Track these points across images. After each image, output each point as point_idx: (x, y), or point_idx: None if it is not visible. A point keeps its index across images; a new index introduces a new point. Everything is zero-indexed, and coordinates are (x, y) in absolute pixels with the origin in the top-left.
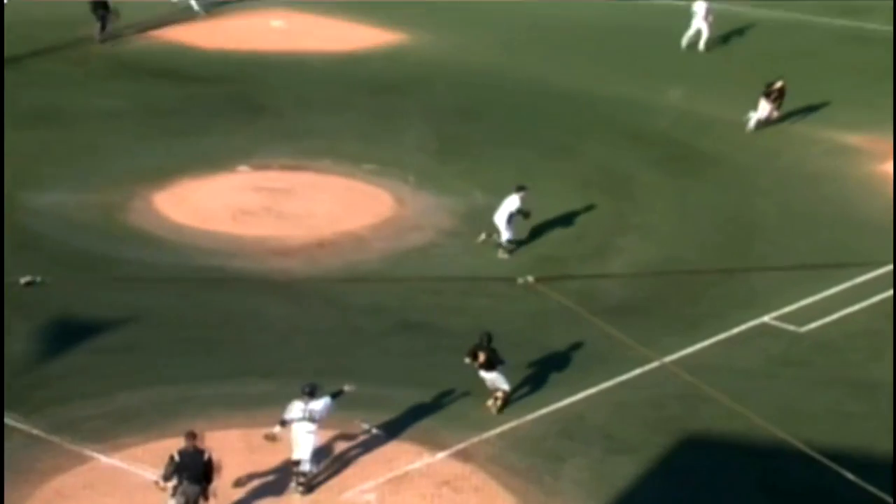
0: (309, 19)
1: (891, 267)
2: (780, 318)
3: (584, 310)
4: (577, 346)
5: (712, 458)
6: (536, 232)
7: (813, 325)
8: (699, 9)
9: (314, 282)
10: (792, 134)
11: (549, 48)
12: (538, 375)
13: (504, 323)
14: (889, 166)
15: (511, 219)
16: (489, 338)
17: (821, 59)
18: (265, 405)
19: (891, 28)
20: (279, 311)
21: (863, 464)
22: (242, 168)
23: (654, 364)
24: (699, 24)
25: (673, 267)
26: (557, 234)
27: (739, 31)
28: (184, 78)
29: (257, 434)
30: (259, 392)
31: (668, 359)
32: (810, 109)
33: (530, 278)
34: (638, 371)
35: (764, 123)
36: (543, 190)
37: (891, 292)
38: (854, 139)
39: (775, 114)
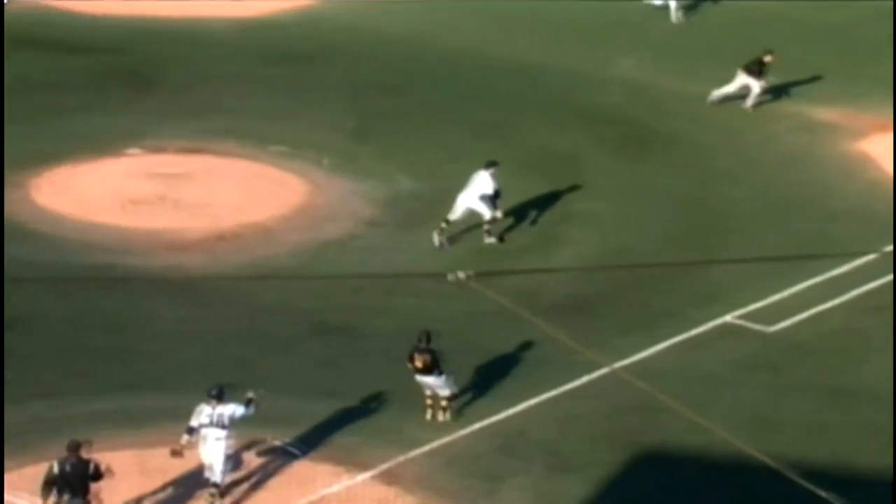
0: None
1: (870, 257)
2: (746, 317)
3: (525, 309)
4: (516, 350)
5: (670, 476)
6: (469, 221)
7: (783, 324)
8: None
9: (215, 280)
10: (757, 109)
11: (483, 14)
12: (473, 385)
13: (434, 325)
14: (866, 145)
15: (483, 200)
16: (428, 337)
17: (787, 25)
18: (160, 421)
19: None
20: (175, 313)
21: (839, 480)
22: (132, 151)
23: (604, 370)
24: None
25: (625, 260)
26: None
27: None
28: (63, 48)
29: (152, 455)
30: (152, 407)
31: (619, 364)
32: (780, 83)
33: (462, 274)
34: (585, 378)
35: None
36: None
37: (871, 286)
38: (826, 114)
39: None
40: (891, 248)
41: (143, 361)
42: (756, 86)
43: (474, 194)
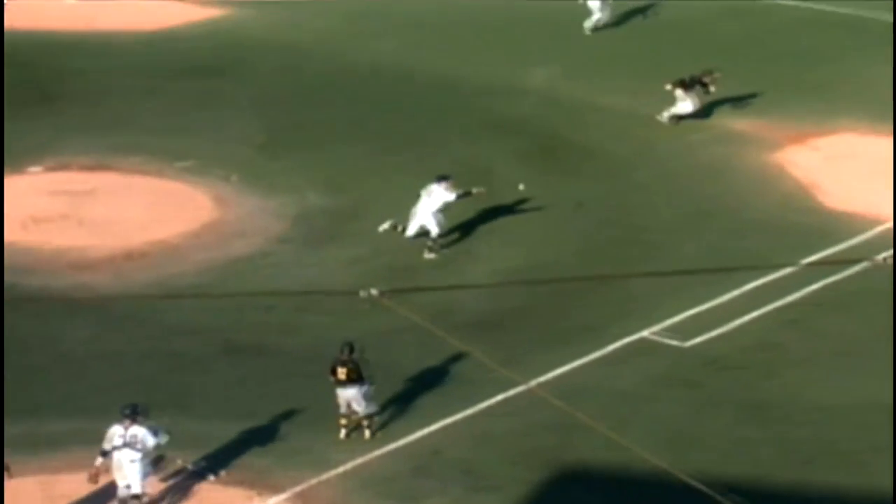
0: None
1: (787, 270)
2: (663, 332)
3: (439, 326)
4: (430, 369)
5: (588, 494)
6: (381, 237)
7: (700, 338)
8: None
9: (123, 299)
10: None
11: (397, 24)
12: (387, 404)
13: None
14: (782, 156)
15: (437, 214)
16: (351, 348)
17: (701, 35)
18: (67, 446)
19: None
20: (81, 334)
21: (758, 495)
22: (34, 169)
23: (521, 388)
24: (594, 4)
25: (540, 275)
26: (406, 239)
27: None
28: None
29: (58, 480)
30: (59, 430)
31: (535, 381)
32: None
33: (375, 291)
34: (501, 396)
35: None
36: (390, 188)
37: (787, 299)
38: (742, 126)
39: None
40: (809, 259)
41: (50, 383)
42: (690, 103)
43: (429, 208)
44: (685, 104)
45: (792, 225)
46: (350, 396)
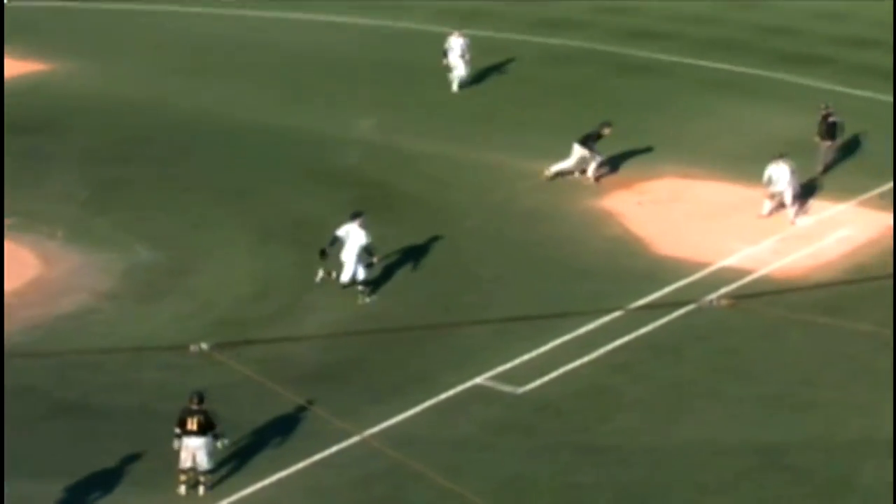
0: None
1: (616, 314)
2: (496, 379)
3: (271, 379)
4: (264, 422)
5: None
6: (211, 291)
7: (532, 384)
8: (455, 45)
9: None
10: (502, 167)
11: (221, 75)
12: (222, 459)
13: (177, 399)
14: (607, 201)
15: (361, 255)
16: (201, 398)
17: (529, 83)
18: None
19: (596, 46)
20: None
21: None
22: None
23: (355, 439)
24: (455, 61)
25: (374, 325)
26: (236, 292)
27: (428, 50)
28: None
29: None
30: None
31: (370, 431)
32: (520, 139)
33: (206, 346)
34: (336, 448)
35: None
36: (217, 241)
37: (617, 343)
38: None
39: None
40: (637, 303)
41: None
42: (595, 157)
43: (353, 250)
44: (571, 160)
45: (620, 269)
46: (197, 447)
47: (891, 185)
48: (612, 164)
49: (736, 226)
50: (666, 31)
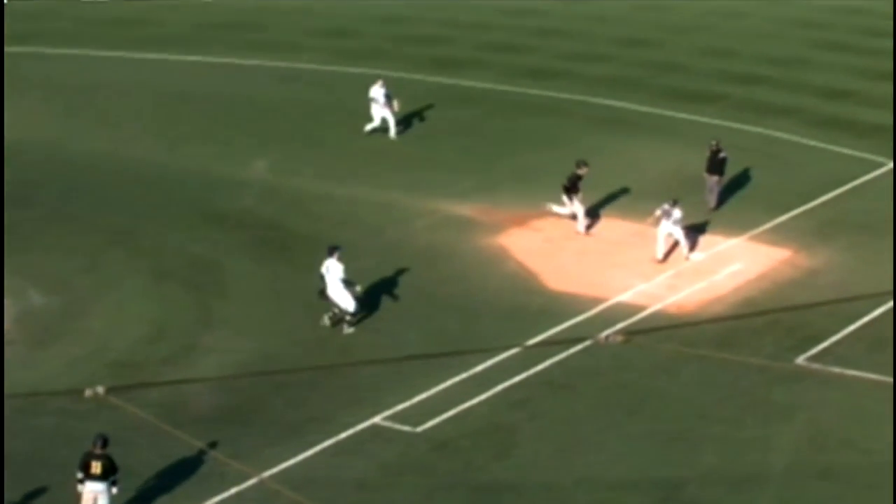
0: None
1: (512, 352)
2: (394, 418)
3: (168, 422)
4: (160, 466)
5: None
6: (106, 334)
7: (430, 423)
8: (378, 95)
9: None
10: (397, 206)
11: (111, 117)
12: None
13: (73, 444)
14: (503, 239)
15: (345, 287)
16: (105, 441)
17: (424, 122)
18: None
19: (490, 86)
20: None
21: None
22: None
23: (253, 480)
24: (381, 112)
25: (270, 366)
26: (132, 335)
27: (321, 90)
28: None
29: None
30: None
31: (268, 473)
32: (413, 178)
33: (101, 389)
34: (234, 490)
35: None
36: (111, 283)
37: (514, 380)
38: (464, 209)
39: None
40: (533, 340)
41: None
42: (579, 206)
43: (336, 283)
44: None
45: (516, 306)
46: (100, 491)
47: (781, 220)
48: (507, 201)
49: (630, 262)
50: (559, 69)
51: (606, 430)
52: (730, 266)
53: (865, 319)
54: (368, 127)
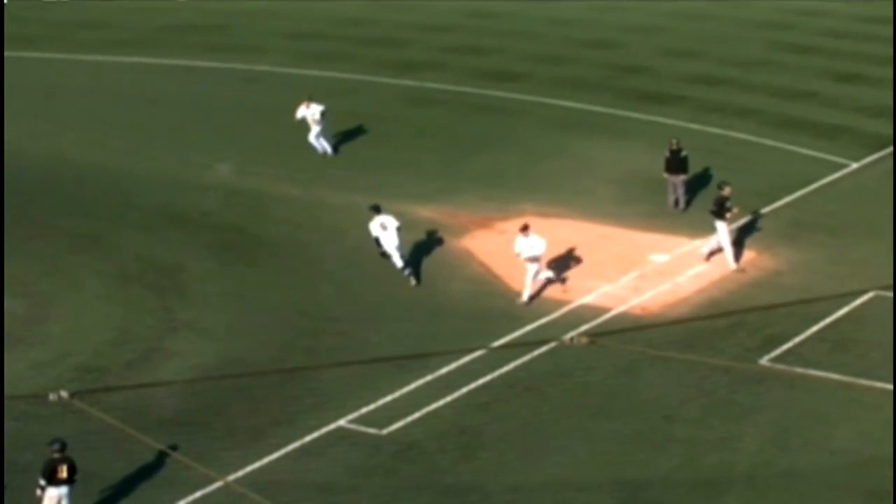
0: None
1: (477, 354)
2: (358, 421)
3: (131, 426)
4: (124, 470)
5: None
6: (69, 338)
7: (395, 426)
8: (305, 114)
9: None
10: (360, 209)
11: (71, 120)
12: None
13: (36, 448)
14: (468, 241)
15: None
16: (63, 445)
17: (386, 124)
18: None
19: (453, 87)
20: None
21: None
22: None
23: (218, 484)
24: (318, 127)
25: (234, 369)
26: (94, 339)
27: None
28: None
29: None
30: None
31: (232, 476)
32: (375, 180)
33: (64, 394)
34: (199, 494)
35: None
36: (73, 287)
37: (478, 382)
38: (428, 212)
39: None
40: (498, 342)
41: None
42: (725, 234)
43: (395, 234)
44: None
45: (481, 309)
46: (64, 494)
47: (744, 221)
48: (471, 203)
49: (594, 264)
50: (519, 71)
51: (571, 431)
52: (694, 267)
53: (829, 320)
54: (319, 147)
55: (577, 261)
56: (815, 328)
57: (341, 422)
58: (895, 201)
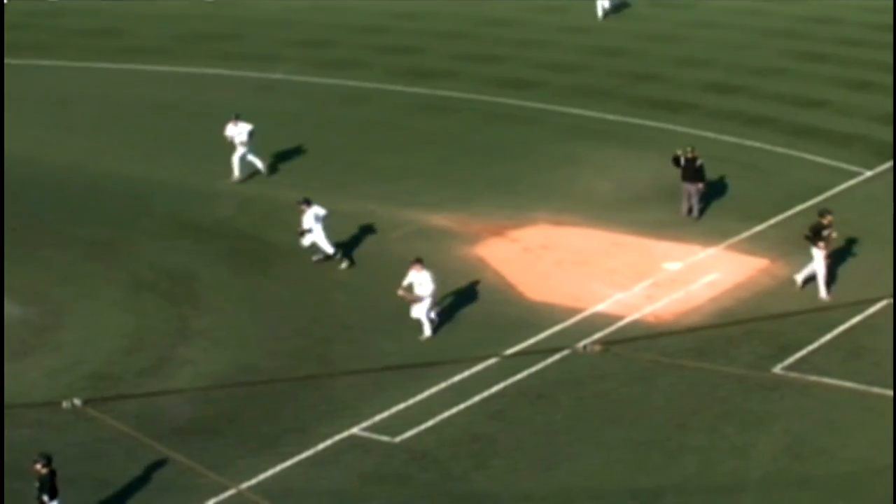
0: None
1: (490, 362)
2: (371, 429)
3: (145, 434)
4: (138, 478)
5: None
6: (83, 345)
7: (408, 433)
8: (242, 132)
9: None
10: (373, 217)
11: (86, 128)
12: None
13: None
14: (481, 249)
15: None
16: (48, 459)
17: (398, 132)
18: None
19: (466, 95)
20: None
21: None
22: None
23: (230, 492)
24: (243, 148)
25: (247, 377)
26: (108, 347)
27: (298, 100)
28: None
29: None
30: None
31: (246, 484)
32: (388, 188)
33: (78, 401)
34: (212, 501)
35: None
36: (87, 295)
37: (492, 390)
38: (440, 220)
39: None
40: (511, 350)
41: None
42: (820, 262)
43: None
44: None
45: (494, 316)
46: None
47: (757, 229)
48: (484, 211)
49: (607, 271)
50: (532, 79)
51: (584, 439)
52: (707, 276)
53: (842, 328)
54: (260, 165)
55: (590, 268)
56: (828, 336)
57: (354, 430)
58: (895, 208)
